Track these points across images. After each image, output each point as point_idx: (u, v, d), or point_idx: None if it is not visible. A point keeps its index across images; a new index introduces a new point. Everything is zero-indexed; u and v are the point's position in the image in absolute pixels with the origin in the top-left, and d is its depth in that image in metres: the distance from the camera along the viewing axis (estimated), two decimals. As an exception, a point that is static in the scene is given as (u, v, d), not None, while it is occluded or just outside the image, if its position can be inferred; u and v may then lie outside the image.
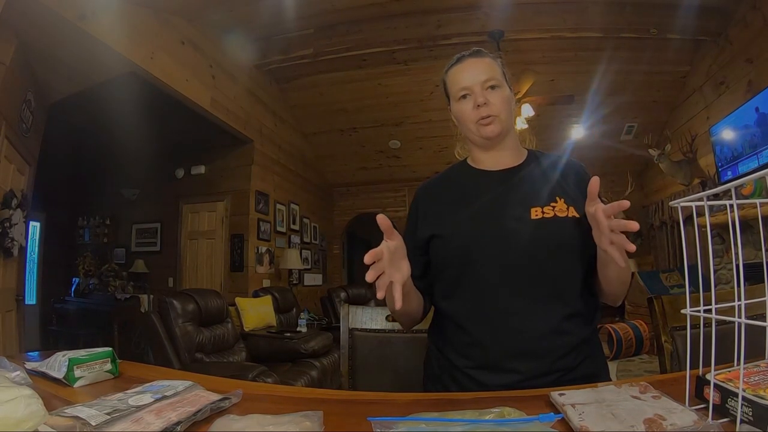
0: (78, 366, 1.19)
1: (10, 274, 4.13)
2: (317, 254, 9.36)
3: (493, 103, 1.37)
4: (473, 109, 1.38)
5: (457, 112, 1.44)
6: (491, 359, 1.28)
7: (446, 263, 1.38)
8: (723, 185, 0.78)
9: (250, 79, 6.70)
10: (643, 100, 6.97)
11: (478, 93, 1.37)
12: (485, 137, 1.39)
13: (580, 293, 1.32)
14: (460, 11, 5.69)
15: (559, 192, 1.36)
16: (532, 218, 1.31)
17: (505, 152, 1.46)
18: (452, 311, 1.37)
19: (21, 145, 4.22)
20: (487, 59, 1.43)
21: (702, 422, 0.74)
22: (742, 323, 0.72)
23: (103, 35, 4.00)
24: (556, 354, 1.25)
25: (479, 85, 1.38)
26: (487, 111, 1.36)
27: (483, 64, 1.41)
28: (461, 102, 1.42)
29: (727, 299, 0.84)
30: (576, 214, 1.31)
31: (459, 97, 1.42)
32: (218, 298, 4.79)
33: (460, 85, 1.41)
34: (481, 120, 1.37)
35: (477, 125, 1.39)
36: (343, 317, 1.76)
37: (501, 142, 1.44)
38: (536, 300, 1.27)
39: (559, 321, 1.26)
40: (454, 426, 0.77)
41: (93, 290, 7.74)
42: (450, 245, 1.37)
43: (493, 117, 1.37)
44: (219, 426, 0.82)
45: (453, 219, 1.40)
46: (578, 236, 1.29)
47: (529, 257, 1.28)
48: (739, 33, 5.15)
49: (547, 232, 1.29)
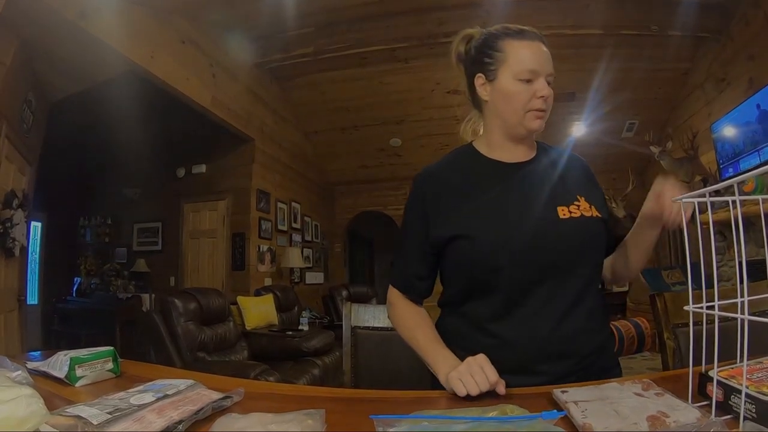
0: (79, 365, 1.19)
1: (11, 274, 4.14)
2: (319, 253, 9.37)
3: (549, 100, 1.29)
4: (532, 97, 1.27)
5: (511, 92, 1.29)
6: (519, 362, 1.24)
7: (473, 265, 1.29)
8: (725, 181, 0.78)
9: (250, 77, 6.70)
10: (644, 97, 6.95)
11: (544, 84, 1.28)
12: (530, 130, 1.31)
13: (597, 290, 1.32)
14: (461, 9, 5.68)
15: (580, 190, 1.34)
16: (561, 218, 1.27)
17: (525, 145, 1.40)
18: (477, 313, 1.31)
19: (22, 144, 4.22)
20: (548, 52, 1.32)
21: (705, 419, 0.74)
22: (745, 320, 0.72)
23: (103, 34, 4.00)
24: (581, 353, 1.25)
25: (545, 75, 1.28)
26: (544, 105, 1.29)
27: (549, 56, 1.31)
28: (521, 84, 1.27)
29: (730, 296, 0.84)
30: (598, 214, 1.31)
31: (522, 77, 1.27)
32: (220, 296, 4.79)
33: (529, 66, 1.27)
34: (536, 111, 1.29)
35: (528, 115, 1.29)
36: (346, 315, 1.76)
37: (529, 137, 1.38)
38: (565, 301, 1.24)
39: (585, 320, 1.25)
40: (457, 424, 0.77)
41: (95, 290, 7.75)
42: (478, 247, 1.27)
43: (544, 113, 1.30)
44: (221, 425, 0.82)
45: (478, 217, 1.30)
46: (602, 235, 1.31)
47: (559, 258, 1.25)
48: (740, 30, 5.14)
49: (575, 232, 1.27)
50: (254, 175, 6.88)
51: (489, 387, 1.03)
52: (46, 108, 4.95)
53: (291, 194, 8.12)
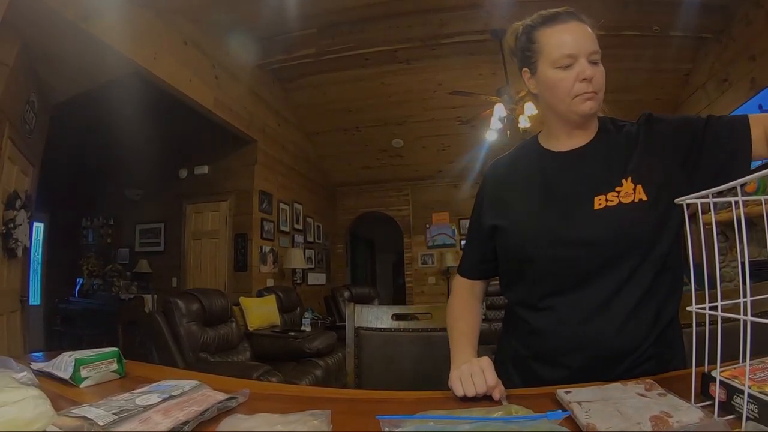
0: (84, 366, 1.19)
1: (14, 274, 4.14)
2: (321, 253, 9.37)
3: (597, 79, 1.23)
4: (575, 81, 1.22)
5: (553, 81, 1.25)
6: (545, 351, 1.26)
7: (507, 255, 1.35)
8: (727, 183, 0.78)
9: (253, 78, 6.71)
10: (645, 98, 6.94)
11: (585, 65, 1.21)
12: (582, 114, 1.25)
13: (650, 287, 1.20)
14: (463, 10, 5.69)
15: (627, 169, 1.23)
16: (595, 209, 1.21)
17: (584, 131, 1.33)
18: (515, 300, 1.36)
19: (24, 146, 4.23)
20: (587, 27, 1.27)
21: (708, 419, 0.74)
22: (748, 320, 0.73)
23: (106, 36, 4.01)
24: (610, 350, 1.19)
25: (586, 56, 1.22)
26: (590, 87, 1.22)
27: (588, 33, 1.25)
28: (561, 71, 1.23)
29: (732, 297, 0.84)
30: (644, 196, 1.19)
31: (561, 64, 1.23)
32: (222, 297, 4.80)
33: (565, 51, 1.22)
34: (583, 95, 1.22)
35: (575, 100, 1.23)
36: (349, 316, 1.76)
37: (588, 121, 1.31)
38: (598, 296, 1.20)
39: (621, 317, 1.18)
40: (462, 424, 0.78)
41: (97, 290, 7.76)
42: (510, 238, 1.32)
43: (594, 94, 1.23)
44: (227, 425, 0.82)
45: (514, 210, 1.33)
46: (647, 221, 1.18)
47: (590, 252, 1.20)
48: (741, 30, 5.14)
49: (610, 223, 1.19)
50: (256, 176, 6.88)
51: (485, 391, 1.03)
52: (49, 109, 4.96)
53: (293, 195, 8.13)
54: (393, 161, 9.43)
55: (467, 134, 7.72)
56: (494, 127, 6.27)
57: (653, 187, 1.19)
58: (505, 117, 5.95)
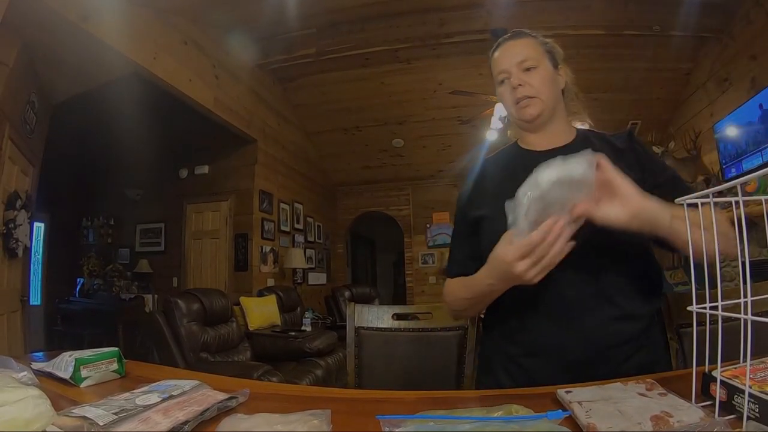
0: (84, 366, 1.19)
1: (14, 274, 4.15)
2: (321, 253, 9.38)
3: (531, 84, 1.34)
4: (511, 91, 1.37)
5: (499, 96, 1.44)
6: (537, 347, 1.26)
7: (491, 247, 1.29)
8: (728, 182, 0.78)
9: (253, 78, 6.71)
10: (646, 97, 6.95)
11: (514, 75, 1.35)
12: (524, 119, 1.38)
13: (634, 286, 1.25)
14: (463, 9, 5.69)
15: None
16: None
17: (551, 133, 1.42)
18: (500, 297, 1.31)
19: (25, 146, 4.23)
20: (524, 39, 1.41)
21: (709, 419, 0.74)
22: (749, 320, 0.72)
23: (106, 36, 4.01)
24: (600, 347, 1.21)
25: (515, 66, 1.36)
26: (523, 92, 1.34)
27: (519, 45, 1.39)
28: (501, 86, 1.41)
29: (733, 296, 0.84)
30: None
31: (499, 81, 1.41)
32: (223, 297, 4.80)
33: (499, 68, 1.40)
34: (518, 102, 1.36)
35: (516, 108, 1.37)
36: (350, 316, 1.76)
37: (546, 123, 1.40)
38: (579, 289, 1.22)
39: (607, 320, 1.21)
40: (462, 424, 0.78)
41: (97, 290, 7.76)
42: (494, 228, 1.28)
43: (531, 98, 1.34)
44: (227, 425, 0.82)
45: (497, 201, 1.29)
46: None
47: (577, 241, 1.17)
48: (742, 30, 5.13)
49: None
50: (257, 175, 6.89)
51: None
52: (49, 109, 4.96)
53: (293, 195, 8.13)
54: (393, 161, 9.43)
55: (468, 134, 7.72)
56: (495, 127, 6.28)
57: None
58: (506, 116, 5.94)
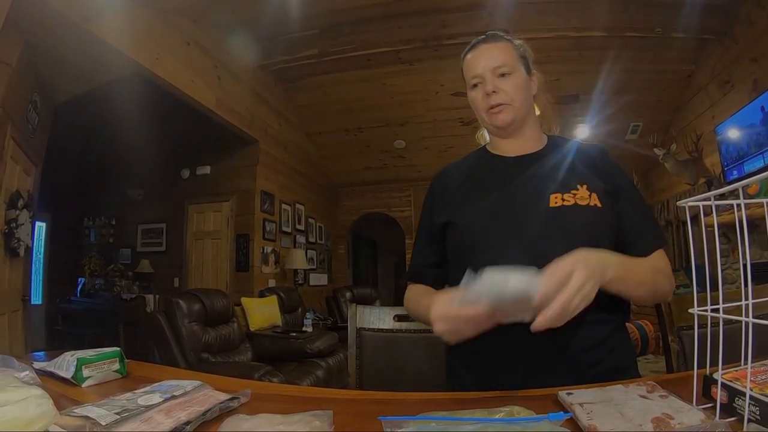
0: (86, 366, 1.19)
1: (16, 274, 4.15)
2: (322, 254, 9.38)
3: (505, 90, 1.32)
4: (484, 97, 1.34)
5: (470, 100, 1.40)
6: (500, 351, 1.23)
7: (459, 252, 1.34)
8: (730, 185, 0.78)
9: (255, 79, 6.71)
10: (647, 99, 6.94)
11: (489, 81, 1.33)
12: (496, 126, 1.37)
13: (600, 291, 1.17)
14: (465, 11, 5.69)
15: (582, 178, 1.29)
16: (551, 206, 1.24)
17: (522, 139, 1.41)
18: None
19: (27, 145, 4.24)
20: (500, 44, 1.37)
21: (709, 421, 0.74)
22: (750, 322, 0.73)
23: (108, 36, 4.02)
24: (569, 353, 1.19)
25: (490, 72, 1.33)
26: (496, 99, 1.32)
27: (495, 50, 1.36)
28: (473, 90, 1.38)
29: (734, 299, 0.84)
30: (598, 203, 1.24)
31: (471, 85, 1.38)
32: (224, 298, 4.80)
33: (472, 73, 1.37)
34: (491, 109, 1.34)
35: (488, 114, 1.35)
36: (351, 317, 1.76)
37: (518, 130, 1.39)
38: None
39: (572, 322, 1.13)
40: (464, 425, 0.78)
41: (98, 290, 7.77)
42: (462, 234, 1.33)
43: (504, 105, 1.33)
44: (228, 425, 0.82)
45: (466, 206, 1.35)
46: (599, 226, 1.23)
47: (544, 248, 1.17)
48: (744, 31, 5.13)
49: (565, 221, 1.22)
50: (258, 176, 6.89)
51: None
52: (51, 109, 4.97)
53: (295, 196, 8.14)
54: (395, 162, 9.43)
55: (469, 136, 7.67)
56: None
57: (605, 198, 1.25)
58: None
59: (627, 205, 1.29)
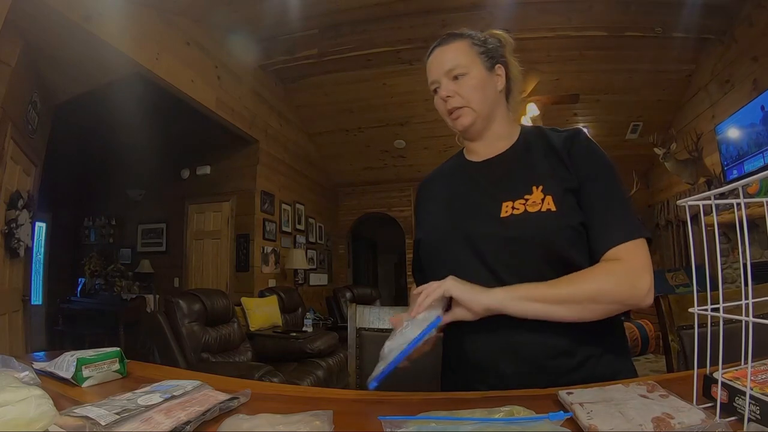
0: (86, 366, 1.19)
1: (16, 274, 4.15)
2: (323, 254, 9.37)
3: (459, 93, 1.29)
4: (442, 102, 1.33)
5: (435, 105, 1.38)
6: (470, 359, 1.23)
7: (428, 266, 1.34)
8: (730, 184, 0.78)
9: (255, 79, 6.72)
10: (648, 98, 6.95)
11: (443, 85, 1.31)
12: (458, 129, 1.34)
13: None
14: (465, 11, 5.69)
15: (538, 179, 1.22)
16: (502, 216, 1.20)
17: (490, 140, 1.36)
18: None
19: (27, 145, 4.24)
20: (453, 44, 1.32)
21: (710, 421, 0.74)
22: (750, 322, 0.73)
23: (108, 36, 4.02)
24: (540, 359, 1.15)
25: (444, 76, 1.30)
26: (452, 104, 1.30)
27: (448, 52, 1.32)
28: (435, 95, 1.36)
29: (734, 298, 0.84)
30: (552, 206, 1.16)
31: (432, 90, 1.36)
32: (224, 298, 4.80)
33: (430, 78, 1.36)
34: (450, 114, 1.32)
35: (449, 118, 1.34)
36: (351, 317, 1.75)
37: (485, 130, 1.35)
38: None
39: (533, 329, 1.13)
40: (464, 425, 0.78)
41: (99, 290, 7.77)
42: (428, 248, 1.33)
43: (462, 108, 1.29)
44: (228, 425, 0.82)
45: (430, 222, 1.37)
46: (554, 232, 1.15)
47: (499, 261, 1.18)
48: (744, 31, 5.13)
49: (516, 231, 1.17)
50: (258, 176, 6.89)
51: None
52: (51, 109, 4.97)
53: (295, 196, 8.14)
54: (395, 162, 9.43)
55: (469, 135, 7.68)
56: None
57: (562, 198, 1.18)
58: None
59: (593, 197, 1.19)
